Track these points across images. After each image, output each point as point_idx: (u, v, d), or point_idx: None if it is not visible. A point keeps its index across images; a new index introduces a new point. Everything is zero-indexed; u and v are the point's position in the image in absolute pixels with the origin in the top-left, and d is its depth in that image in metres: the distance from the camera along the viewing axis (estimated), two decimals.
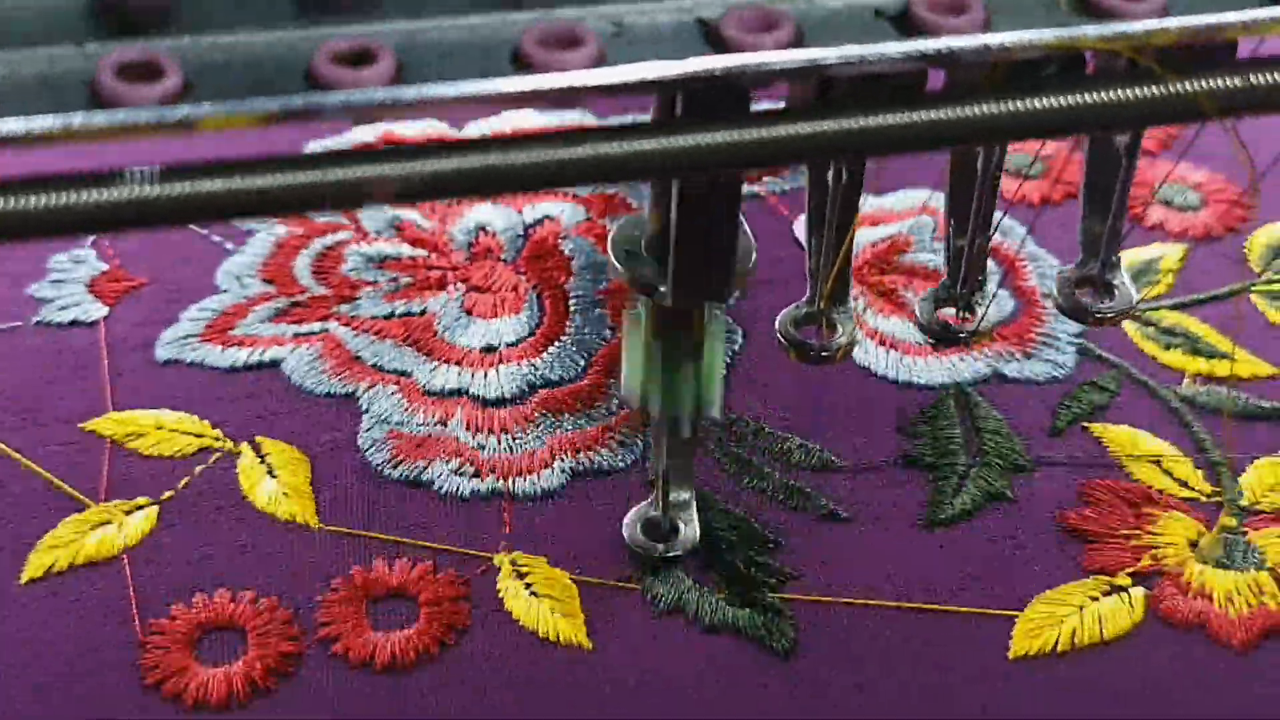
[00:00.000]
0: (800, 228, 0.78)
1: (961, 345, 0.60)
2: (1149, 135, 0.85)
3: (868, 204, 0.81)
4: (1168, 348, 0.73)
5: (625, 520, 0.63)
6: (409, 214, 0.80)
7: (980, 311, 0.57)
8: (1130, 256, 0.78)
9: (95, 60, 0.36)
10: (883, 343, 0.73)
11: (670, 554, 0.62)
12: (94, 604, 0.61)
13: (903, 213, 0.80)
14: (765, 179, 0.82)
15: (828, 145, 0.40)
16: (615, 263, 0.51)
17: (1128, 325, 0.74)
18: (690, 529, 0.62)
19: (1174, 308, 0.76)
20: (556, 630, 0.60)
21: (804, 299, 0.57)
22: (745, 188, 0.76)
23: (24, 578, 0.62)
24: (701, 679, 0.59)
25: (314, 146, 0.81)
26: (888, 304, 0.75)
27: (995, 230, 0.56)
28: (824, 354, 0.57)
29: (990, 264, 0.61)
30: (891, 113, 0.39)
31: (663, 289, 0.50)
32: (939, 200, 0.57)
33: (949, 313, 0.59)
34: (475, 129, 0.85)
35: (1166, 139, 0.85)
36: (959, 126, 0.40)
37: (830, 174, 0.53)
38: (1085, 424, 0.69)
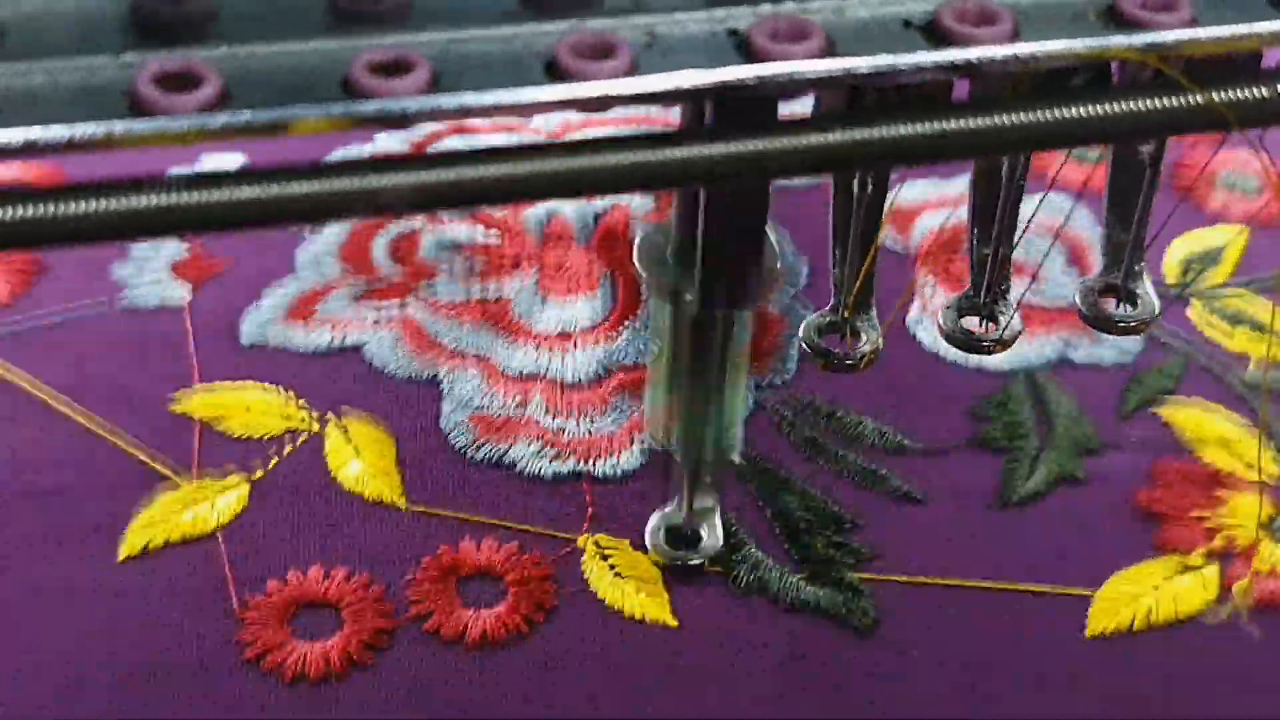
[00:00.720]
0: None
1: (986, 353, 0.59)
2: None
3: (934, 190, 0.81)
4: (1232, 332, 0.73)
5: (648, 527, 0.62)
6: None
7: (1003, 320, 0.57)
8: (1192, 242, 0.78)
9: (134, 69, 0.36)
10: None
11: (693, 561, 0.62)
12: (190, 581, 0.61)
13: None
14: None
15: (858, 154, 0.39)
16: (641, 270, 0.50)
17: (1193, 310, 0.74)
18: (713, 536, 0.62)
19: (1238, 290, 0.75)
20: (642, 610, 0.61)
21: (828, 307, 0.56)
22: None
23: (121, 555, 0.62)
24: (784, 657, 0.59)
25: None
26: (956, 287, 0.75)
27: (1020, 240, 0.55)
28: (848, 362, 0.56)
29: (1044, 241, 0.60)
30: (922, 121, 0.39)
31: (689, 296, 0.49)
32: None
33: (972, 321, 0.58)
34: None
35: None
36: (989, 136, 0.39)
37: (855, 184, 0.52)
38: (1153, 408, 0.69)
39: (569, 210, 0.79)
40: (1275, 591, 0.62)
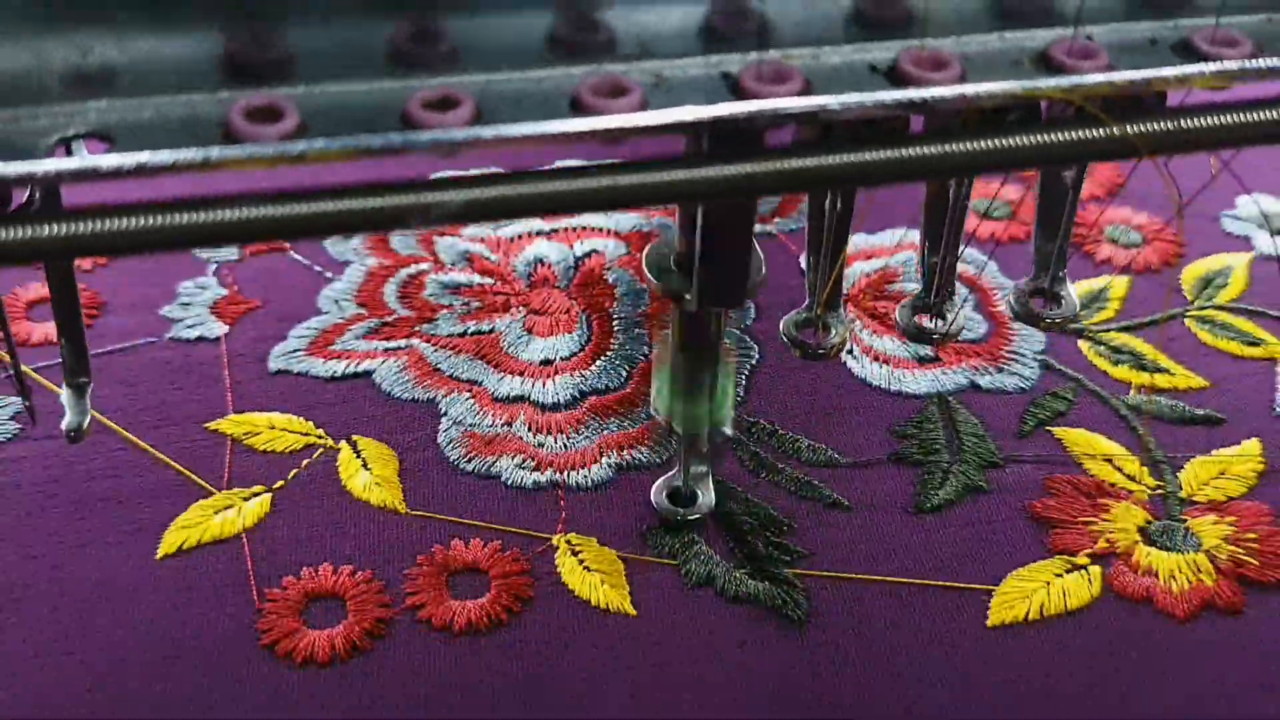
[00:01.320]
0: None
1: (935, 345, 0.59)
2: (1098, 183, 0.84)
3: (863, 241, 0.79)
4: (1116, 363, 0.72)
5: (653, 489, 0.62)
6: (478, 247, 0.79)
7: (950, 317, 0.57)
8: (1083, 286, 0.77)
9: (227, 105, 0.36)
10: (876, 358, 0.71)
11: (690, 517, 0.62)
12: (218, 576, 0.60)
13: (891, 248, 0.79)
14: (776, 220, 0.81)
15: (829, 176, 0.39)
16: (649, 276, 0.50)
17: (1082, 344, 0.73)
18: (707, 496, 0.61)
19: (1121, 329, 0.74)
20: (606, 599, 0.59)
21: (804, 306, 0.57)
22: (759, 228, 0.75)
23: (159, 554, 0.61)
24: (728, 641, 0.58)
25: None
26: (880, 325, 0.74)
27: (963, 250, 0.55)
28: (820, 351, 0.56)
29: (960, 287, 0.60)
30: (884, 150, 0.39)
31: (688, 297, 0.49)
32: (915, 237, 0.56)
33: (924, 318, 0.58)
34: None
35: (1113, 186, 0.84)
36: (939, 161, 0.39)
37: (827, 204, 0.52)
38: (1048, 427, 0.68)
39: (553, 257, 0.78)
40: (1149, 587, 0.60)
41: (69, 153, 0.36)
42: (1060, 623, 0.59)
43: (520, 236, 0.79)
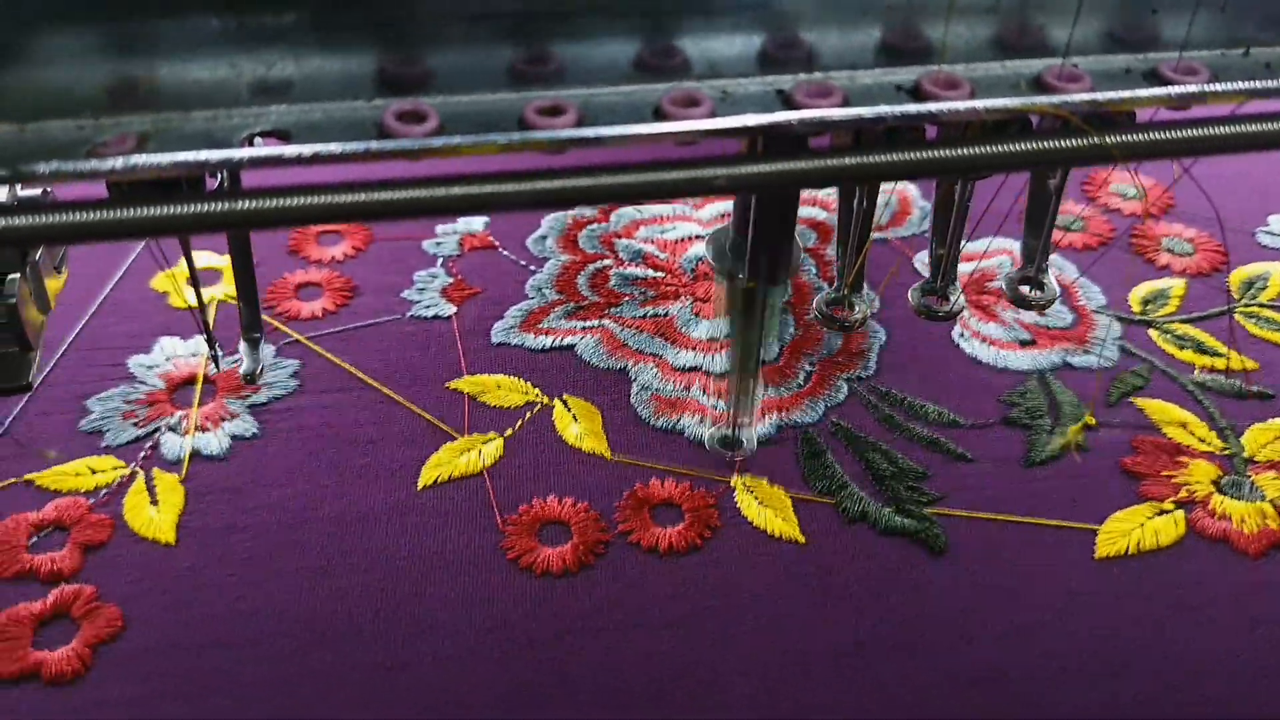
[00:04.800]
0: (919, 261, 0.75)
1: (940, 321, 0.58)
2: (1154, 203, 0.82)
3: (969, 246, 0.78)
4: (1181, 349, 0.70)
5: (705, 435, 0.61)
6: (649, 248, 0.78)
7: (952, 299, 0.54)
8: (1148, 286, 0.75)
9: (381, 110, 0.36)
10: (984, 340, 0.70)
11: (736, 459, 0.61)
12: (467, 505, 0.59)
13: (988, 253, 0.77)
14: (891, 229, 0.79)
15: (861, 173, 0.39)
16: (709, 259, 0.49)
17: (1152, 332, 0.71)
18: (750, 443, 0.60)
19: (1184, 321, 0.72)
20: (780, 529, 0.58)
21: (833, 287, 0.55)
22: (879, 234, 0.74)
23: (419, 485, 0.60)
24: (880, 565, 0.57)
25: None
26: (986, 315, 0.72)
27: (965, 242, 0.53)
28: (846, 325, 0.54)
29: (1055, 286, 0.57)
30: (904, 152, 0.39)
31: (741, 276, 0.48)
32: (1006, 244, 0.52)
33: (931, 299, 0.55)
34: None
35: (1166, 205, 0.82)
36: (949, 163, 0.39)
37: (855, 201, 0.51)
38: (1131, 398, 0.66)
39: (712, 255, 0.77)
40: (1225, 529, 0.58)
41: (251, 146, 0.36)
42: (1153, 557, 0.57)
43: (683, 239, 0.78)
